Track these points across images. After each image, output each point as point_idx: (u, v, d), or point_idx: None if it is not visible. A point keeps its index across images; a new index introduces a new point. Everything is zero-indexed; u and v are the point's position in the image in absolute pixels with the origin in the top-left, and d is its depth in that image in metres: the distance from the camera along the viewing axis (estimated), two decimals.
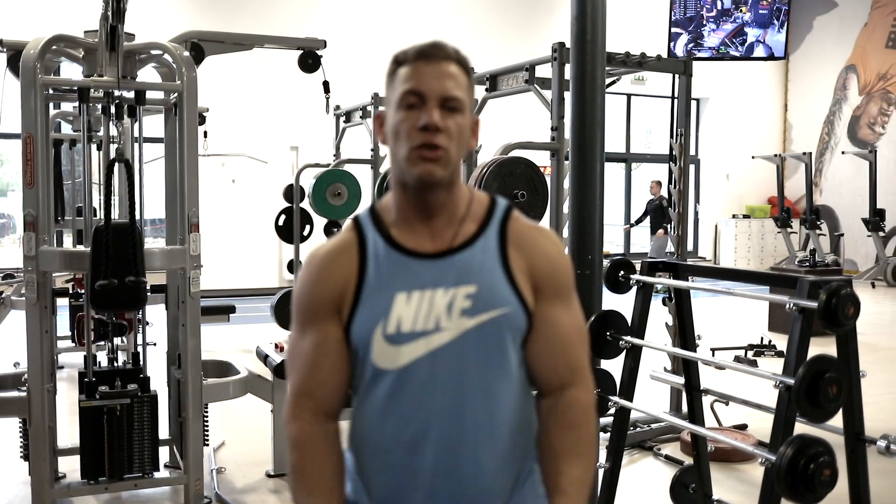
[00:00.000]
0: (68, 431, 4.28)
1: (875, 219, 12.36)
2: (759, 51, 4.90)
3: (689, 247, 14.22)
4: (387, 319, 1.38)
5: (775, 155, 13.61)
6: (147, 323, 3.81)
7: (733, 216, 14.73)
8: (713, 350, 6.67)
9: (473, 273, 1.40)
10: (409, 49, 1.41)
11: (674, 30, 4.88)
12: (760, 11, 4.91)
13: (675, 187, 4.91)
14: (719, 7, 4.91)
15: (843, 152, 13.81)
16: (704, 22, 4.89)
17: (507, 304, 1.39)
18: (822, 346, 2.59)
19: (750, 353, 6.89)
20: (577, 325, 1.49)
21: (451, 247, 1.42)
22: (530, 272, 1.43)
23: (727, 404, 3.14)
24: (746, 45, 4.89)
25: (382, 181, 7.01)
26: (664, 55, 4.96)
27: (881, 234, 12.47)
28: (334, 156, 8.03)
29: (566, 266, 1.49)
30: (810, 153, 13.20)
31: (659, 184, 12.25)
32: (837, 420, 2.58)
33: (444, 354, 1.38)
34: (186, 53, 3.33)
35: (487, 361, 1.39)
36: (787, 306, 2.49)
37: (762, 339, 7.06)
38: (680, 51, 4.87)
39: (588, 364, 1.50)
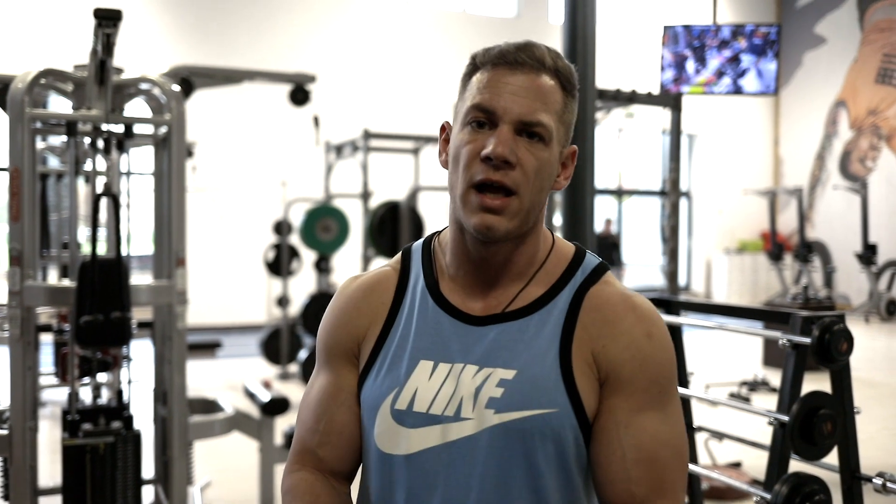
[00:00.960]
0: (49, 470, 4.20)
1: (867, 253, 12.39)
2: (751, 83, 4.93)
3: (682, 281, 14.23)
4: (400, 390, 1.11)
5: (766, 192, 13.67)
6: (129, 359, 3.76)
7: (726, 250, 14.74)
8: (707, 386, 6.63)
9: (518, 353, 1.08)
10: (492, 48, 1.10)
11: (665, 66, 4.91)
12: (755, 42, 4.94)
13: (667, 222, 4.90)
14: (711, 43, 4.94)
15: (834, 187, 13.88)
16: (695, 58, 4.92)
17: (551, 405, 1.06)
18: (817, 381, 2.56)
19: (744, 390, 6.85)
20: (671, 439, 1.08)
21: (503, 312, 1.11)
22: (601, 362, 1.08)
23: (721, 441, 3.10)
24: (738, 78, 4.91)
25: (373, 218, 7.00)
26: (658, 91, 4.98)
27: (873, 268, 12.49)
28: (324, 191, 8.04)
29: (661, 358, 1.09)
30: (800, 189, 13.26)
31: (609, 222, 12.30)
32: (833, 457, 2.54)
33: (460, 451, 1.08)
34: (176, 87, 3.32)
35: (509, 475, 1.07)
36: (780, 342, 2.46)
37: (755, 376, 7.02)
38: (671, 87, 4.89)
39: (682, 491, 1.10)
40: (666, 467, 1.07)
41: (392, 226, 7.00)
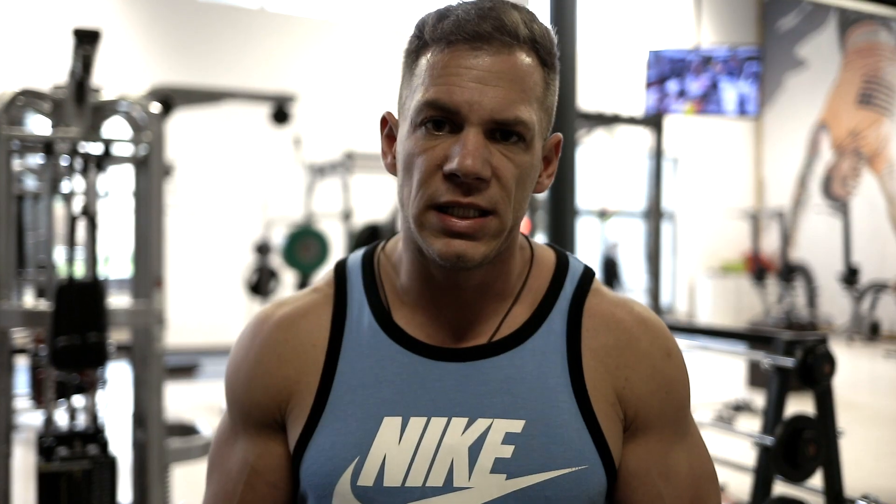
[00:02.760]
0: (23, 497, 4.13)
1: (850, 275, 12.46)
2: (731, 102, 4.96)
3: (665, 302, 14.25)
4: (363, 460, 0.84)
5: (749, 214, 13.74)
6: (106, 382, 3.72)
7: (709, 272, 14.80)
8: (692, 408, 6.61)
9: (521, 396, 0.84)
10: (445, 13, 0.82)
11: (649, 89, 4.93)
12: (732, 66, 4.98)
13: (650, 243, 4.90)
14: (691, 66, 4.98)
15: (816, 210, 13.97)
16: (677, 81, 4.95)
17: (579, 461, 0.83)
18: (801, 402, 2.54)
19: (728, 411, 6.84)
20: (703, 465, 0.93)
21: (490, 343, 0.87)
22: (626, 399, 0.88)
23: None
24: (720, 101, 4.95)
25: (355, 241, 6.98)
26: (642, 113, 5.00)
27: (856, 289, 12.56)
28: (305, 211, 8.03)
29: (683, 378, 0.93)
30: (782, 211, 13.35)
31: (615, 245, 12.34)
32: (817, 479, 2.52)
33: None
34: (156, 107, 3.30)
35: None
36: (763, 365, 2.45)
37: (736, 399, 7.02)
38: (654, 109, 4.92)
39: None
40: (705, 491, 0.91)
41: None
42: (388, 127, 0.90)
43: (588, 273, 0.94)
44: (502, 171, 0.80)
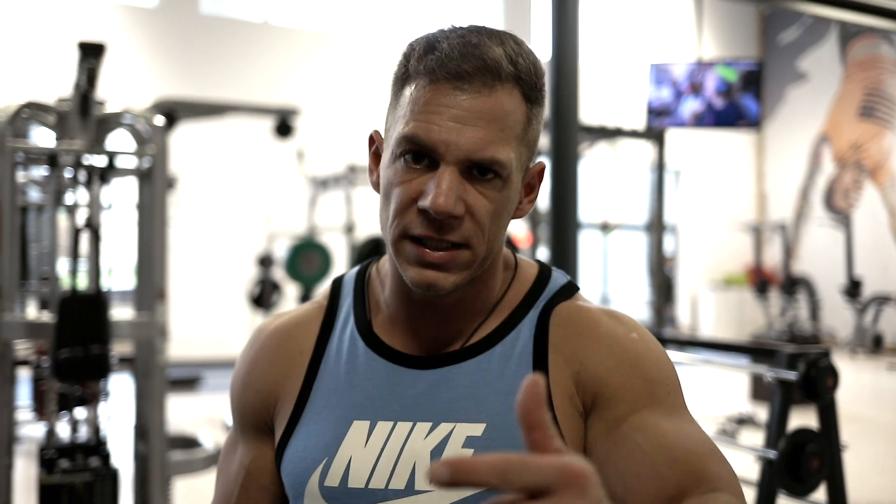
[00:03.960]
0: None
1: (852, 287, 12.44)
2: (733, 118, 4.97)
3: (668, 315, 14.23)
4: (330, 461, 0.87)
5: (751, 226, 13.74)
6: (108, 394, 3.72)
7: (711, 285, 14.78)
8: None
9: (483, 400, 0.86)
10: (431, 45, 0.82)
11: (651, 103, 4.95)
12: (734, 81, 5.00)
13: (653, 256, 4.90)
14: (694, 79, 4.99)
15: (818, 222, 13.97)
16: (680, 95, 4.96)
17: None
18: (804, 415, 2.54)
19: (731, 425, 6.82)
20: (701, 437, 0.86)
21: (460, 350, 0.89)
22: (583, 382, 0.86)
23: None
24: (721, 113, 4.96)
25: (358, 255, 6.99)
26: (644, 126, 5.01)
27: (859, 302, 12.54)
28: (308, 224, 8.04)
29: (656, 356, 0.88)
30: (784, 224, 13.35)
31: (669, 259, 12.30)
32: (821, 494, 2.51)
33: None
34: (160, 120, 3.31)
35: None
36: (766, 378, 2.44)
37: (739, 412, 7.00)
38: (656, 123, 4.93)
39: (738, 486, 0.83)
40: (708, 460, 0.82)
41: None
42: (375, 146, 0.93)
43: (569, 286, 0.94)
44: (476, 208, 0.82)
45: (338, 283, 0.99)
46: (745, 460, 2.62)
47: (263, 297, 7.45)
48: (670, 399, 0.87)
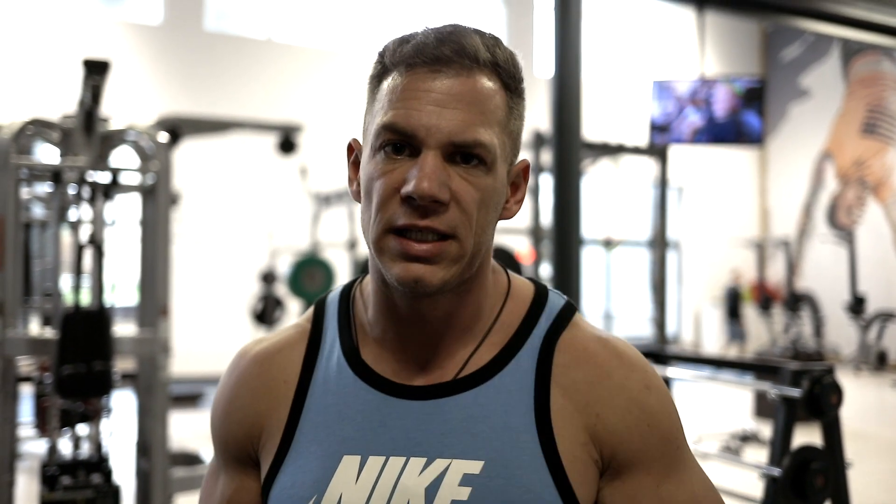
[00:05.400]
0: None
1: (856, 304, 12.42)
2: (736, 135, 4.98)
3: (671, 331, 14.21)
4: (319, 499, 0.83)
5: (754, 243, 13.74)
6: (110, 410, 3.72)
7: (714, 301, 14.76)
8: (698, 439, 6.56)
9: (481, 436, 0.82)
10: (407, 38, 0.83)
11: (654, 119, 4.96)
12: (737, 97, 5.01)
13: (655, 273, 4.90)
14: (697, 96, 5.01)
15: (821, 239, 13.96)
16: (682, 110, 4.98)
17: (537, 502, 0.80)
18: (809, 432, 2.53)
19: (735, 442, 6.79)
20: (706, 494, 0.88)
21: (453, 380, 0.85)
22: (600, 437, 0.83)
23: None
24: (723, 130, 4.97)
25: (362, 270, 6.99)
26: (647, 143, 5.02)
27: (863, 318, 12.50)
28: (310, 240, 8.06)
29: (668, 410, 0.87)
30: (788, 240, 13.36)
31: (739, 276, 12.27)
32: None
33: None
34: (163, 137, 3.32)
35: None
36: (769, 395, 2.43)
37: (743, 429, 6.97)
38: (658, 139, 4.94)
39: None
40: None
41: None
42: (354, 154, 0.90)
43: (568, 308, 0.90)
44: (462, 195, 0.79)
45: (321, 305, 0.94)
46: (749, 478, 2.61)
47: (266, 312, 7.44)
48: (679, 454, 0.87)
